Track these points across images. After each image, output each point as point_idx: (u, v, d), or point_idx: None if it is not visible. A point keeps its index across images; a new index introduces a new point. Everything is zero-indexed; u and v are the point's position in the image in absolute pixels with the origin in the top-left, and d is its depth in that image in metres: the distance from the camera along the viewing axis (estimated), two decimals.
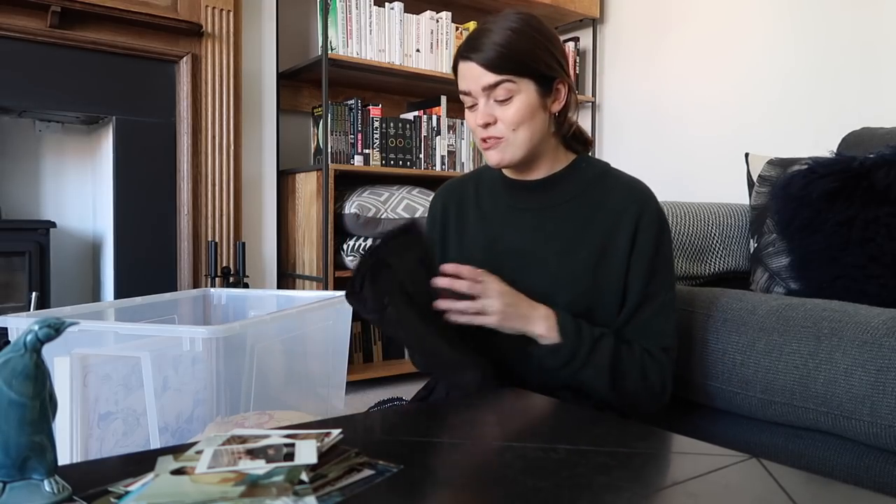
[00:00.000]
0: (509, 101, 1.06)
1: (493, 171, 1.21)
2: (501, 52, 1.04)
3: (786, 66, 2.53)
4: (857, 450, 1.07)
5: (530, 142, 1.09)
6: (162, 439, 1.19)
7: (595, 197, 1.12)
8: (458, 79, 1.11)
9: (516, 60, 1.05)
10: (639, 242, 1.09)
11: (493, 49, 1.04)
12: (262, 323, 1.34)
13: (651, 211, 1.10)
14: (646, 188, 1.14)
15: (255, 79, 2.56)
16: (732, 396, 1.19)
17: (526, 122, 1.07)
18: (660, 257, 1.10)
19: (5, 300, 2.11)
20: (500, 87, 1.05)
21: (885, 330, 1.03)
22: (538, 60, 1.06)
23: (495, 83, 1.05)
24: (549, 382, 1.08)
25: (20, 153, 2.30)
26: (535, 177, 1.15)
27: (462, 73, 1.09)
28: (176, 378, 1.24)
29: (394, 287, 1.00)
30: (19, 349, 0.55)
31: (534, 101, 1.07)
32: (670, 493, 0.61)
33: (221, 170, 2.37)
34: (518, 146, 1.08)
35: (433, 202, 1.27)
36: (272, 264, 2.63)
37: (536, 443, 0.72)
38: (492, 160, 1.11)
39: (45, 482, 0.56)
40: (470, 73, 1.07)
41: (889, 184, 1.34)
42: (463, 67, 1.08)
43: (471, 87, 1.08)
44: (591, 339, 1.04)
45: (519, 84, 1.05)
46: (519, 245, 1.14)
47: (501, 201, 1.18)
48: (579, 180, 1.14)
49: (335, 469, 0.62)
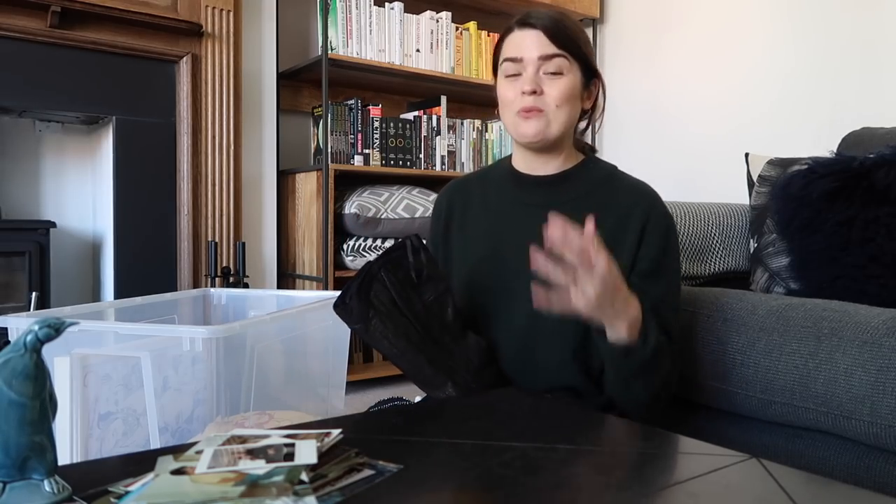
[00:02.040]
0: (559, 77, 1.09)
1: (501, 167, 1.22)
2: (564, 29, 1.09)
3: (786, 65, 2.53)
4: (857, 450, 1.07)
5: (566, 124, 1.11)
6: (162, 439, 1.19)
7: (602, 197, 1.13)
8: (504, 47, 1.13)
9: (574, 41, 1.10)
10: (646, 242, 1.09)
11: (557, 24, 1.09)
12: (262, 323, 1.34)
13: (658, 213, 1.11)
14: (652, 191, 1.14)
15: (255, 79, 2.56)
16: (732, 396, 1.18)
17: (567, 103, 1.09)
18: (667, 258, 1.10)
19: (5, 300, 2.11)
20: (555, 60, 1.08)
21: (885, 330, 1.03)
22: (589, 53, 1.13)
23: (553, 54, 1.08)
24: (552, 389, 1.08)
25: (20, 153, 2.30)
26: (546, 171, 1.16)
27: (516, 40, 1.11)
28: (176, 378, 1.24)
29: (381, 301, 1.01)
30: (19, 349, 0.55)
31: (577, 86, 1.10)
32: (670, 493, 0.61)
33: (221, 170, 2.37)
34: (557, 123, 1.09)
35: (439, 198, 1.28)
36: (272, 264, 2.63)
37: (536, 443, 0.72)
38: (529, 130, 1.10)
39: (45, 482, 0.56)
40: (528, 41, 1.09)
41: (889, 184, 1.34)
42: (520, 34, 1.11)
43: (525, 54, 1.09)
44: (654, 347, 0.99)
45: (571, 64, 1.09)
46: (523, 240, 1.13)
47: (508, 196, 1.18)
48: (587, 180, 1.15)
49: (335, 469, 0.62)
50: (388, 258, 1.03)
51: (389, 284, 1.02)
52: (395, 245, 1.06)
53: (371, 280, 1.01)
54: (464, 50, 2.91)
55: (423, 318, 1.04)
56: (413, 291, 1.04)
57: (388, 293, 1.02)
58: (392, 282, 1.02)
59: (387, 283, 1.02)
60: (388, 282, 1.02)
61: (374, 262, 1.03)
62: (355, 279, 1.01)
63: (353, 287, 1.01)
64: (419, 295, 1.04)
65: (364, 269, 1.02)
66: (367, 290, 1.01)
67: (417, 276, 1.05)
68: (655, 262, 1.09)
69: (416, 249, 1.06)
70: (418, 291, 1.04)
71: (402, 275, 1.04)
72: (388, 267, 1.03)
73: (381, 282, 1.02)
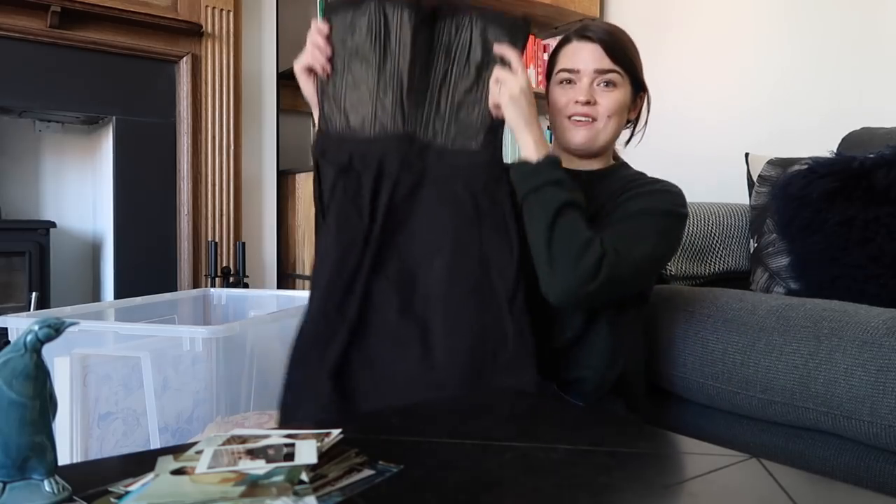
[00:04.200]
0: (613, 90, 1.16)
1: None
2: (622, 47, 1.17)
3: (786, 65, 2.53)
4: (857, 450, 1.07)
5: (613, 133, 1.19)
6: (162, 439, 1.20)
7: (626, 191, 1.15)
8: (561, 56, 1.20)
9: (629, 59, 1.17)
10: (627, 196, 1.12)
11: (614, 39, 1.16)
12: (262, 323, 1.34)
13: (656, 190, 1.15)
14: (672, 186, 1.17)
15: (255, 79, 2.56)
16: (732, 396, 1.19)
17: (616, 115, 1.17)
18: (641, 214, 1.10)
19: (5, 300, 2.11)
20: (610, 74, 1.15)
21: (885, 330, 1.03)
22: (639, 68, 1.21)
23: (608, 69, 1.15)
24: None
25: (20, 153, 2.30)
26: (588, 167, 1.21)
27: (575, 51, 1.17)
28: (176, 378, 1.24)
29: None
30: (19, 349, 0.55)
31: (626, 100, 1.18)
32: (670, 493, 0.61)
33: (221, 170, 2.37)
34: (605, 134, 1.17)
35: None
36: (272, 264, 2.62)
37: (536, 443, 0.72)
38: (577, 137, 1.17)
39: (45, 482, 0.56)
40: (587, 53, 1.16)
41: (889, 184, 1.34)
42: (579, 45, 1.17)
43: (581, 65, 1.16)
44: (559, 177, 1.05)
45: (623, 78, 1.17)
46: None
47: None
48: (619, 177, 1.20)
49: (335, 469, 0.62)
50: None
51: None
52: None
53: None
54: None
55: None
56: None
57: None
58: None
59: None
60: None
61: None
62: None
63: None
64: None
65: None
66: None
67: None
68: (620, 213, 1.10)
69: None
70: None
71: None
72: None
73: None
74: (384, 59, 1.08)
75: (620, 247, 1.04)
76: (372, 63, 1.09)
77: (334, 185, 1.08)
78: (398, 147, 1.07)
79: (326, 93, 1.11)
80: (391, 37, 1.08)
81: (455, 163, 1.08)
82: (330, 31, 1.11)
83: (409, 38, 1.07)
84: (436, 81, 1.09)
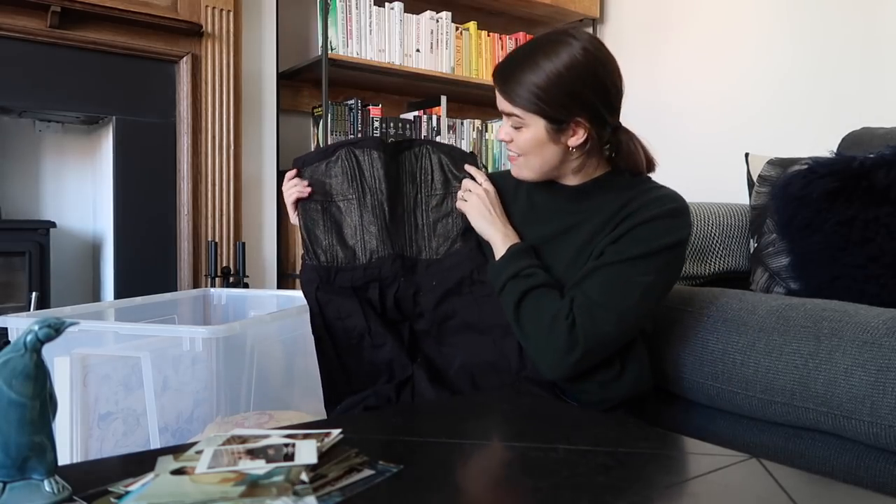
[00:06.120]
0: (520, 130, 1.13)
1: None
2: (519, 92, 1.10)
3: (786, 65, 2.53)
4: (857, 450, 1.07)
5: (541, 168, 1.15)
6: (162, 439, 1.20)
7: (611, 206, 1.13)
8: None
9: (531, 101, 1.09)
10: (618, 234, 1.09)
11: (516, 84, 1.10)
12: (262, 323, 1.34)
13: (650, 215, 1.09)
14: (671, 202, 1.12)
15: (255, 79, 2.56)
16: (732, 396, 1.18)
17: (534, 152, 1.14)
18: (631, 261, 1.07)
19: (5, 300, 2.11)
20: (513, 118, 1.13)
21: (885, 330, 1.03)
22: (555, 104, 1.08)
23: (509, 113, 1.13)
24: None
25: (20, 153, 2.30)
26: (569, 183, 1.19)
27: (497, 93, 1.16)
28: (176, 378, 1.24)
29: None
30: (19, 349, 0.55)
31: (541, 136, 1.11)
32: (670, 493, 0.61)
33: (221, 170, 2.37)
34: (530, 168, 1.16)
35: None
36: (272, 264, 2.62)
37: (536, 443, 0.72)
38: (515, 171, 1.20)
39: (45, 482, 0.56)
40: (498, 96, 1.15)
41: (889, 184, 1.34)
42: (497, 87, 1.15)
43: (499, 107, 1.16)
44: (517, 269, 1.11)
45: (526, 119, 1.11)
46: (537, 234, 1.19)
47: (532, 195, 1.23)
48: (615, 188, 1.16)
49: (335, 469, 0.62)
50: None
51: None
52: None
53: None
54: (464, 50, 2.91)
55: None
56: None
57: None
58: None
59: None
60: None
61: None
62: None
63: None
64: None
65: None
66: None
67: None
68: (612, 254, 1.08)
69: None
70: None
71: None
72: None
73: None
74: (363, 194, 1.22)
75: (601, 301, 1.04)
76: (353, 200, 1.23)
77: (339, 316, 1.21)
78: (391, 266, 1.21)
79: (312, 230, 1.22)
80: (365, 175, 1.23)
81: (442, 266, 1.21)
82: (302, 175, 1.24)
83: (383, 173, 1.22)
84: (409, 205, 1.24)
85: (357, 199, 1.22)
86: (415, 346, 1.22)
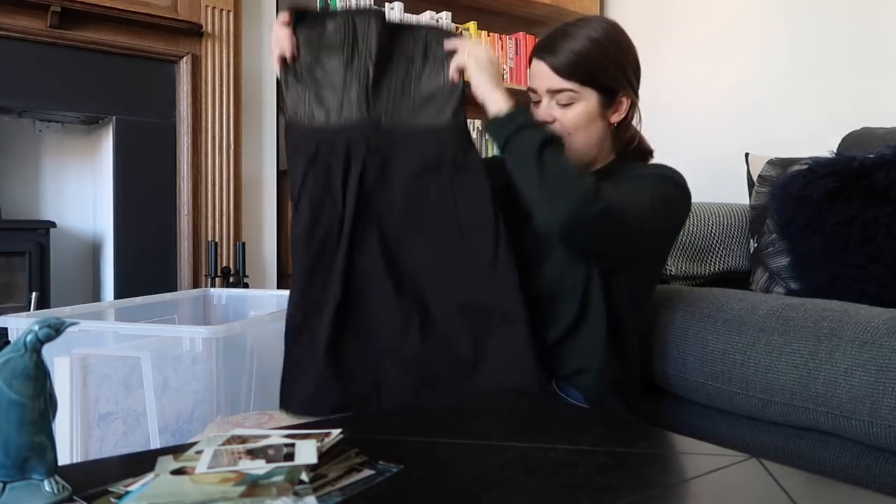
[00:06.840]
0: (570, 106, 1.11)
1: None
2: (573, 60, 1.09)
3: (786, 65, 2.53)
4: (857, 450, 1.07)
5: (582, 148, 1.13)
6: (162, 439, 1.20)
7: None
8: (530, 73, 1.16)
9: (585, 71, 1.10)
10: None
11: (566, 56, 1.09)
12: (262, 323, 1.34)
13: (648, 169, 1.14)
14: (667, 168, 1.16)
15: (255, 79, 2.55)
16: (732, 396, 1.18)
17: (582, 129, 1.12)
18: (643, 183, 1.10)
19: (5, 300, 2.11)
20: (563, 94, 1.10)
21: (885, 330, 1.03)
22: (606, 73, 1.11)
23: (559, 89, 1.10)
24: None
25: (20, 153, 2.30)
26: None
27: (533, 71, 1.14)
28: (176, 378, 1.25)
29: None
30: (19, 349, 0.55)
31: (593, 111, 1.12)
32: (670, 493, 0.61)
33: (221, 170, 2.37)
34: (573, 149, 1.11)
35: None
36: (272, 264, 2.62)
37: (536, 443, 0.72)
38: None
39: (45, 482, 0.56)
40: (539, 73, 1.12)
41: (889, 184, 1.34)
42: (535, 65, 1.14)
43: (537, 85, 1.13)
44: (534, 123, 1.06)
45: (582, 93, 1.10)
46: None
47: None
48: (616, 171, 1.17)
49: (335, 469, 0.62)
50: None
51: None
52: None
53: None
54: None
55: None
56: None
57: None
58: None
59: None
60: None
61: None
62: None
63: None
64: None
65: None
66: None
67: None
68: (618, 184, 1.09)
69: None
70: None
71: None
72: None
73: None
74: (352, 56, 1.15)
75: (619, 199, 1.02)
76: (340, 58, 1.15)
77: (305, 176, 1.12)
78: (363, 133, 1.12)
79: (291, 86, 1.16)
80: (359, 40, 1.15)
81: (422, 139, 1.12)
82: (295, 27, 1.15)
83: (376, 43, 1.14)
84: (398, 75, 1.15)
85: (345, 60, 1.15)
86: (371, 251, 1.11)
